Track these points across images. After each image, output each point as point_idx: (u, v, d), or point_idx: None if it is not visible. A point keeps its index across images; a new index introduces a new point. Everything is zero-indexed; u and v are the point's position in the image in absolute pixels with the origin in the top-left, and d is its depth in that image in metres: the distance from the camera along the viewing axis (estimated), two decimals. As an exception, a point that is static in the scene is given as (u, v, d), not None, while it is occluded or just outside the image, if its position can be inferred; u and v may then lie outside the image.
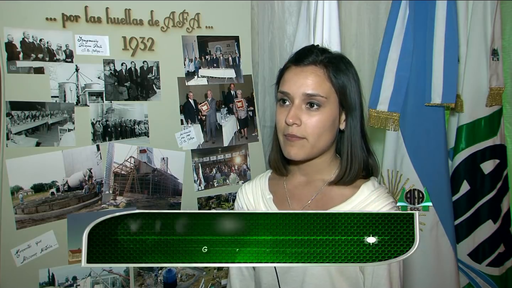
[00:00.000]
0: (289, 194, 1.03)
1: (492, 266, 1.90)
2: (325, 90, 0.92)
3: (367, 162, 0.98)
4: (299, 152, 0.93)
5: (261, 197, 1.07)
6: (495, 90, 1.87)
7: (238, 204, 1.12)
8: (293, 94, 0.93)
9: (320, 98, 0.91)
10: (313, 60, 0.94)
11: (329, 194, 0.98)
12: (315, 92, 0.91)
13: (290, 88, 0.93)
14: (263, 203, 1.06)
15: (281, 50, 2.11)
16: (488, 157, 1.90)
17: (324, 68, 0.93)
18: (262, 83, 2.14)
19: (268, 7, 2.09)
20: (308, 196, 1.00)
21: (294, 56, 0.98)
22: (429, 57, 1.68)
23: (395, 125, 1.72)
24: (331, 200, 0.97)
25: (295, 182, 1.04)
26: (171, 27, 1.70)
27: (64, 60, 1.53)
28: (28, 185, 1.47)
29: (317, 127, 0.92)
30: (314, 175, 1.01)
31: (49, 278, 1.50)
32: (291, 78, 0.95)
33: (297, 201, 1.01)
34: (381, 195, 0.94)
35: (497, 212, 1.91)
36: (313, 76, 0.92)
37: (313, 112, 0.92)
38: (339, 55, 0.98)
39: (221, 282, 1.80)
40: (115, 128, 1.61)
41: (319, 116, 0.92)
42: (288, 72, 0.97)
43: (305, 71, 0.93)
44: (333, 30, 1.63)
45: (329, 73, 0.93)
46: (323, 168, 1.00)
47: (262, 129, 2.13)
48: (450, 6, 1.65)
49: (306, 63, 0.94)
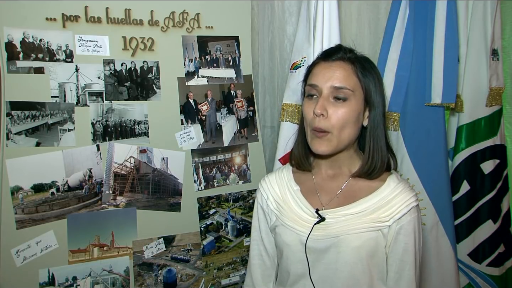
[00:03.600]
0: (318, 187, 1.07)
1: (492, 266, 1.90)
2: (351, 84, 0.97)
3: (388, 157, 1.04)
4: (326, 148, 0.98)
5: (287, 188, 1.10)
6: (495, 90, 1.87)
7: (263, 195, 1.14)
8: (321, 86, 0.97)
9: (347, 91, 0.96)
10: (341, 56, 1.00)
11: (356, 186, 1.03)
12: (342, 85, 0.96)
13: (318, 80, 0.98)
14: (290, 195, 1.09)
15: (281, 50, 2.11)
16: (488, 157, 1.90)
17: (351, 64, 0.99)
18: (262, 83, 2.14)
19: (268, 7, 2.09)
20: (336, 188, 1.05)
21: (322, 54, 1.04)
22: (429, 57, 1.68)
23: (395, 125, 1.73)
24: (358, 193, 1.02)
25: (322, 175, 1.08)
26: (171, 27, 1.70)
27: (64, 60, 1.53)
28: (28, 185, 1.47)
29: (342, 119, 0.96)
30: (339, 169, 1.06)
31: (49, 278, 1.50)
32: (319, 71, 0.99)
33: (325, 193, 1.06)
34: (406, 188, 1.01)
35: (497, 212, 1.91)
36: (341, 70, 0.98)
37: (339, 105, 0.97)
38: (365, 56, 1.04)
39: (221, 282, 1.80)
40: (115, 128, 1.61)
41: (344, 109, 0.96)
42: (317, 67, 1.01)
43: (333, 66, 0.98)
44: (333, 30, 1.63)
45: (355, 69, 0.98)
46: (347, 162, 1.05)
47: (262, 129, 2.13)
48: (450, 6, 1.64)
49: (334, 59, 0.99)
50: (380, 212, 0.98)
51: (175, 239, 1.71)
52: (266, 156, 2.04)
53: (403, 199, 0.98)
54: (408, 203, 0.97)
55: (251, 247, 1.18)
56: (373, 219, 0.97)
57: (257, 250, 1.16)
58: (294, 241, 1.03)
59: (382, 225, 0.97)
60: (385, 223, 0.97)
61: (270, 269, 1.16)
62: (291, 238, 1.03)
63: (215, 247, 1.79)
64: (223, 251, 1.81)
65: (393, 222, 0.96)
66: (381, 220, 0.97)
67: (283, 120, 1.74)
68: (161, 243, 1.68)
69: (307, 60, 1.67)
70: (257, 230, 1.16)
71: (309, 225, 1.01)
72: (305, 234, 1.01)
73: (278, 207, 1.09)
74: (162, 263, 1.68)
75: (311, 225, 1.01)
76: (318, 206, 1.03)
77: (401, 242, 0.97)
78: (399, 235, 0.97)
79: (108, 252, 1.59)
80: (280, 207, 1.08)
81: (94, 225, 1.57)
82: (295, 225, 1.03)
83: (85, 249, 1.55)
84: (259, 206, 1.15)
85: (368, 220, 0.97)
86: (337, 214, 1.00)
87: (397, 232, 0.97)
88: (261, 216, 1.15)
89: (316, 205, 1.03)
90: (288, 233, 1.04)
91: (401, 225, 0.97)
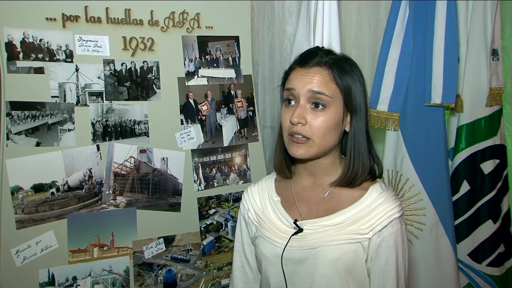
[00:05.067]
0: (297, 197, 1.03)
1: (492, 266, 1.90)
2: (330, 90, 0.92)
3: (372, 163, 0.99)
4: (305, 152, 0.93)
5: (268, 200, 1.07)
6: (495, 90, 1.87)
7: (244, 207, 1.11)
8: (298, 90, 0.93)
9: (325, 97, 0.92)
10: (318, 61, 0.94)
11: (337, 196, 0.98)
12: (320, 90, 0.91)
13: (295, 85, 0.94)
14: (270, 206, 1.05)
15: (281, 50, 2.10)
16: (488, 157, 1.90)
17: (329, 70, 0.94)
18: (262, 83, 2.14)
19: (268, 7, 2.09)
20: (316, 198, 1.00)
21: (298, 58, 0.99)
22: (429, 57, 1.68)
23: (395, 125, 1.73)
24: (339, 203, 0.97)
25: (302, 185, 1.04)
26: (171, 27, 1.70)
27: (64, 60, 1.53)
28: (28, 185, 1.47)
29: (322, 127, 0.92)
30: (321, 177, 1.01)
31: (49, 278, 1.50)
32: (296, 77, 0.95)
33: (305, 203, 1.01)
34: (389, 198, 0.95)
35: (497, 212, 1.91)
36: (319, 76, 0.93)
37: (318, 113, 0.92)
38: (344, 57, 0.99)
39: (221, 282, 1.80)
40: (115, 128, 1.61)
41: (324, 117, 0.92)
42: (293, 73, 0.97)
43: (310, 72, 0.94)
44: (333, 30, 1.63)
45: (334, 75, 0.93)
46: (329, 169, 1.00)
47: (262, 129, 2.13)
48: (450, 6, 1.65)
49: (311, 65, 0.94)
50: (360, 223, 0.92)
51: (175, 239, 1.71)
52: (266, 156, 2.04)
53: (384, 210, 0.92)
54: (389, 215, 0.92)
55: (233, 259, 1.15)
56: (352, 231, 0.92)
57: (239, 262, 1.13)
58: (271, 253, 0.99)
59: (361, 238, 0.92)
60: (364, 235, 0.92)
61: (253, 282, 1.12)
62: (269, 249, 1.00)
63: (215, 247, 1.79)
64: (223, 251, 1.81)
65: (373, 235, 0.91)
66: (361, 232, 0.92)
67: (283, 120, 1.74)
68: (161, 243, 1.68)
69: (307, 60, 1.67)
70: (239, 241, 1.13)
71: (286, 236, 0.97)
72: (282, 245, 0.97)
73: (258, 218, 1.06)
74: (162, 263, 1.68)
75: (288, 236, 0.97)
76: (297, 217, 0.99)
77: (382, 256, 0.92)
78: (380, 248, 0.92)
79: (108, 252, 1.59)
80: (260, 219, 1.05)
81: (94, 225, 1.56)
82: (273, 236, 1.00)
83: (85, 249, 1.55)
84: (242, 217, 1.12)
85: (347, 232, 0.93)
86: (316, 225, 0.95)
87: (378, 245, 0.91)
88: (244, 227, 1.12)
89: (295, 216, 0.99)
90: (266, 244, 1.01)
91: (382, 237, 0.91)
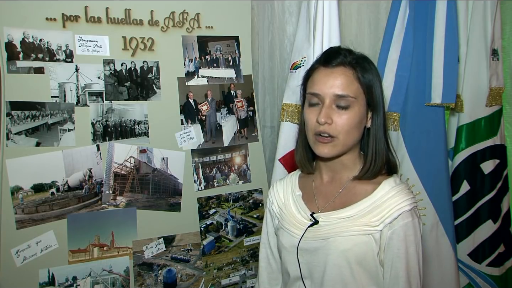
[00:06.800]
0: (316, 191, 1.07)
1: (492, 266, 1.90)
2: (354, 91, 0.95)
3: (389, 158, 1.02)
4: (331, 151, 0.97)
5: (291, 194, 1.11)
6: (495, 90, 1.87)
7: (270, 200, 1.17)
8: (323, 95, 0.95)
9: (350, 98, 0.95)
10: (342, 61, 0.97)
11: (353, 190, 1.02)
12: (345, 93, 0.94)
13: (320, 89, 0.96)
14: (292, 199, 1.10)
15: (281, 50, 2.10)
16: (488, 157, 1.90)
17: (352, 69, 0.96)
18: (262, 83, 2.14)
19: (268, 7, 2.09)
20: (333, 192, 1.04)
21: (322, 57, 1.01)
22: (429, 57, 1.68)
23: (395, 125, 1.73)
24: (354, 196, 1.00)
25: (322, 179, 1.08)
26: (171, 27, 1.70)
27: (64, 60, 1.53)
28: (28, 185, 1.47)
29: (347, 125, 0.95)
30: (339, 172, 1.04)
31: (49, 278, 1.50)
32: (320, 79, 0.97)
33: (323, 197, 1.05)
34: (401, 192, 0.97)
35: (497, 212, 1.91)
36: (343, 77, 0.95)
37: (342, 112, 0.95)
38: (363, 55, 1.01)
39: (221, 282, 1.80)
40: (115, 128, 1.61)
41: (348, 115, 0.95)
42: (317, 73, 0.99)
43: (334, 72, 0.96)
44: (333, 30, 1.63)
45: (357, 74, 0.96)
46: (349, 165, 1.03)
47: (262, 129, 2.13)
48: (450, 6, 1.65)
49: (334, 64, 0.97)
50: (371, 216, 0.95)
51: (175, 239, 1.71)
52: (266, 156, 2.04)
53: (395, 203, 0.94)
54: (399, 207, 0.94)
55: (260, 250, 1.21)
56: (363, 223, 0.95)
57: (264, 253, 1.19)
58: (289, 243, 1.04)
59: (372, 230, 0.94)
60: (375, 227, 0.94)
61: (277, 272, 1.17)
62: (287, 240, 1.05)
63: (215, 247, 1.79)
64: (223, 251, 1.81)
65: (384, 227, 0.93)
66: (371, 224, 0.94)
67: (283, 120, 1.74)
68: (161, 243, 1.68)
69: (307, 60, 1.67)
70: (265, 233, 1.19)
71: (303, 227, 1.02)
72: (299, 236, 1.02)
73: (280, 211, 1.11)
74: (162, 263, 1.68)
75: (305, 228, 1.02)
76: (315, 209, 1.04)
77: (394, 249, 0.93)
78: (392, 241, 0.93)
79: (108, 252, 1.59)
80: (282, 212, 1.10)
81: (94, 225, 1.57)
82: (292, 228, 1.05)
83: (85, 249, 1.55)
84: (267, 210, 1.18)
85: (359, 224, 0.96)
86: (330, 218, 0.99)
87: (389, 237, 0.93)
88: (269, 220, 1.17)
89: (313, 209, 1.04)
90: (285, 235, 1.06)
91: (392, 230, 0.93)
